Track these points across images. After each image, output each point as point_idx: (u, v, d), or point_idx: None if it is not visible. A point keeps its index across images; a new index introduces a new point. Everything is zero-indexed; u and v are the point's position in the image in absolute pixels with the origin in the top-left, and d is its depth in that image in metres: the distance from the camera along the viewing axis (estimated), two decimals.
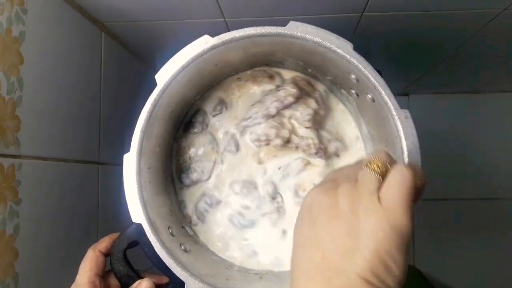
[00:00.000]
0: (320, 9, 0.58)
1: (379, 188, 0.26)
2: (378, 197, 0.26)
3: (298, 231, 0.29)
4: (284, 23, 0.40)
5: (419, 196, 0.27)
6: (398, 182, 0.26)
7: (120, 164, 0.40)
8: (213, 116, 0.51)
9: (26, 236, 0.45)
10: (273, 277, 0.47)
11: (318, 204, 0.28)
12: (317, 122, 0.50)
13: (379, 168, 0.27)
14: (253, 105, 0.51)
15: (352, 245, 0.25)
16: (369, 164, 0.28)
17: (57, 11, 0.52)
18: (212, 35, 0.40)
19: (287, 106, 0.49)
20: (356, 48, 0.39)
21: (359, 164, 0.30)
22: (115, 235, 0.41)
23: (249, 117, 0.50)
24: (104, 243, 0.41)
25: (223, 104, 0.52)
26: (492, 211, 1.10)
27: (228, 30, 0.40)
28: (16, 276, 0.43)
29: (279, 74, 0.52)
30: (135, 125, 0.40)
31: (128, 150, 0.40)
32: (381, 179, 0.27)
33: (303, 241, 0.28)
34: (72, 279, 0.40)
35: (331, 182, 0.29)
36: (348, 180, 0.28)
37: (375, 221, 0.25)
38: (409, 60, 0.84)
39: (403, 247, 0.25)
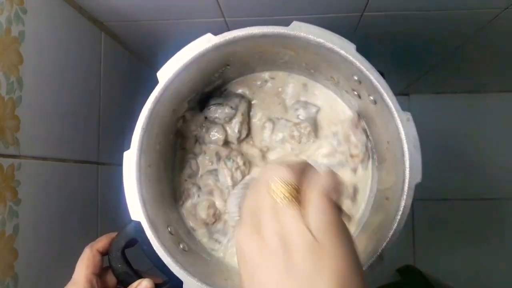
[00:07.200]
0: (320, 9, 0.58)
1: (302, 215, 0.25)
2: (307, 227, 0.25)
3: (243, 285, 0.27)
4: (283, 23, 0.39)
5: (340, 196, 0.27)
6: (321, 214, 0.25)
7: (119, 164, 0.40)
8: None
9: (26, 236, 0.45)
10: None
11: (250, 253, 0.26)
12: None
13: (290, 194, 0.26)
14: None
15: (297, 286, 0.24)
16: (277, 193, 0.26)
17: (56, 11, 0.52)
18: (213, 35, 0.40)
19: None
20: (358, 49, 0.39)
21: (265, 186, 0.27)
22: (112, 235, 0.41)
23: None
24: (101, 242, 0.41)
25: None
26: (492, 211, 1.09)
27: (228, 30, 0.40)
28: (15, 276, 0.43)
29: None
30: (134, 124, 0.40)
31: (127, 148, 0.40)
32: (297, 203, 0.26)
33: None
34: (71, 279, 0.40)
35: (251, 221, 0.27)
36: (267, 214, 0.26)
37: (313, 259, 0.24)
38: (409, 60, 0.83)
39: (357, 270, 0.25)
